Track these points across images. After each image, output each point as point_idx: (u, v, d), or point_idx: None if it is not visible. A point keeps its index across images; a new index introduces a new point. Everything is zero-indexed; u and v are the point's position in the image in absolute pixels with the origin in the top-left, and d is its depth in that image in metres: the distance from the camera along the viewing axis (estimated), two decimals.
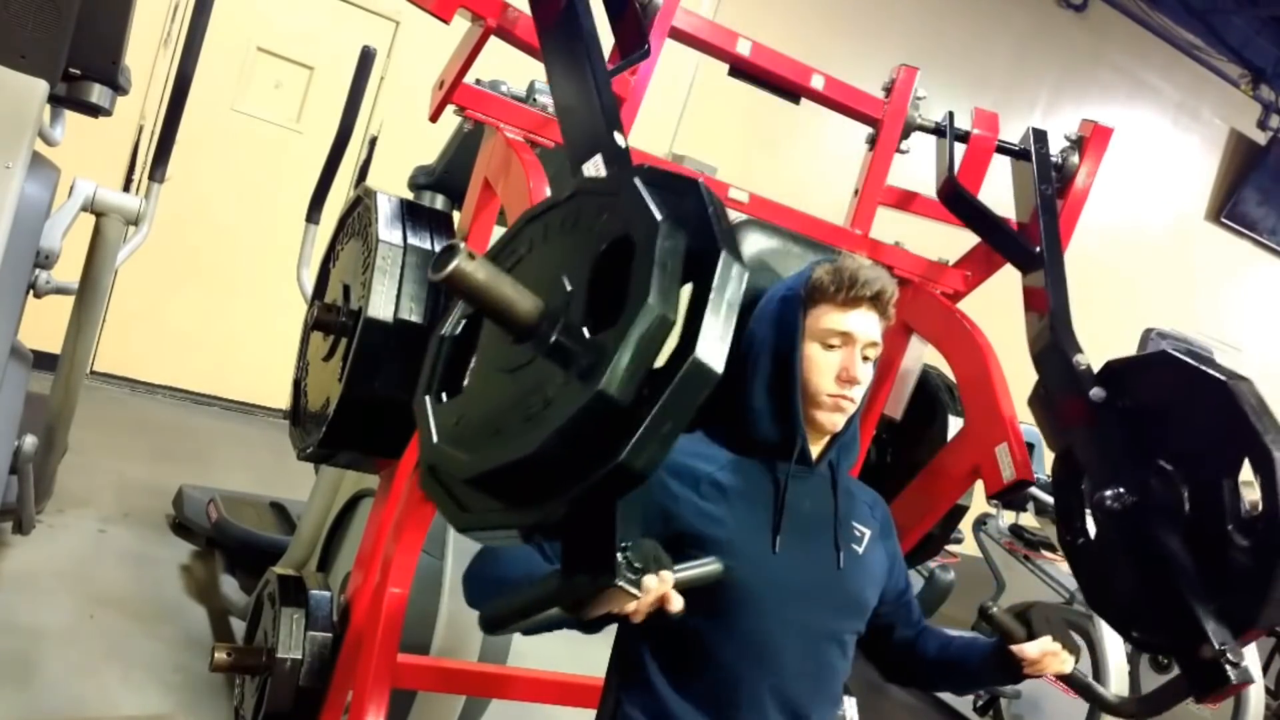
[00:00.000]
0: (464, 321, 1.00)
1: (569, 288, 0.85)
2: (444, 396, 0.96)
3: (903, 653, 1.46)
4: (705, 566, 1.12)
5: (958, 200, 1.89)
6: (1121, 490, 1.44)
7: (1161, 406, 1.44)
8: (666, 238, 0.79)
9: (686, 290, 0.79)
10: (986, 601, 1.35)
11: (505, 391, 0.86)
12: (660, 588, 1.04)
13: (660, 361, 0.77)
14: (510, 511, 0.82)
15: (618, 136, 1.05)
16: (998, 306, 2.23)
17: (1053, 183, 1.91)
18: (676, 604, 1.05)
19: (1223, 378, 1.34)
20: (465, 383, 0.97)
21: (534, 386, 0.82)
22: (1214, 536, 1.33)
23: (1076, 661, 1.38)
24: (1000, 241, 1.89)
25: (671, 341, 0.77)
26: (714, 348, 0.76)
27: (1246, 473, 1.32)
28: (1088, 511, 1.53)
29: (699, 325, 0.76)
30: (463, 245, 0.79)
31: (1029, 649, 1.32)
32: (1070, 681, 1.47)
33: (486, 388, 0.92)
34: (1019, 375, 1.76)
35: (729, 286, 0.79)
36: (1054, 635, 1.33)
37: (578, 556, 0.94)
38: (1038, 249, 1.78)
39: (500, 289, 0.82)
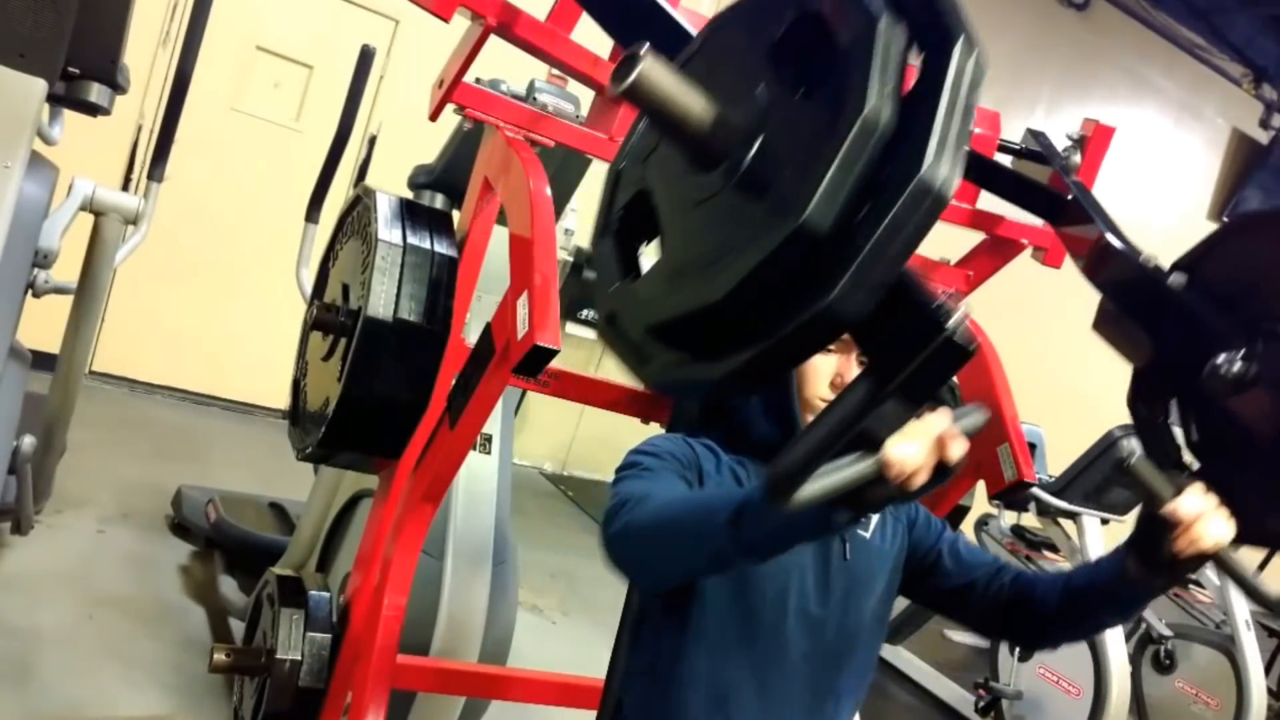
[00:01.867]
0: (646, 156, 0.86)
1: (762, 102, 0.72)
2: (622, 239, 0.85)
3: (1010, 600, 1.26)
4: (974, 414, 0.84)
5: (974, 166, 1.80)
6: (1239, 354, 1.22)
7: (1256, 275, 1.30)
8: (888, 28, 0.65)
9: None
10: (1122, 453, 1.04)
11: (693, 228, 0.75)
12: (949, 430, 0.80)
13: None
14: (695, 364, 0.72)
15: None
16: (999, 306, 2.22)
17: (1063, 159, 1.88)
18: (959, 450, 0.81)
19: None
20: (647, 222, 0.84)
21: (724, 221, 0.71)
22: None
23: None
24: (1027, 195, 1.82)
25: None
26: (945, 162, 0.62)
27: None
28: (1180, 436, 1.33)
29: (928, 131, 0.62)
30: (646, 47, 0.68)
31: (1182, 505, 1.01)
32: (1223, 564, 1.07)
33: (673, 225, 0.80)
34: (1021, 375, 1.76)
35: (965, 81, 0.63)
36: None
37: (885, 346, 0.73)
38: (1068, 196, 1.72)
39: (688, 101, 0.70)
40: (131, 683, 2.51)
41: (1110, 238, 1.51)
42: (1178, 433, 1.34)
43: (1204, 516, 1.01)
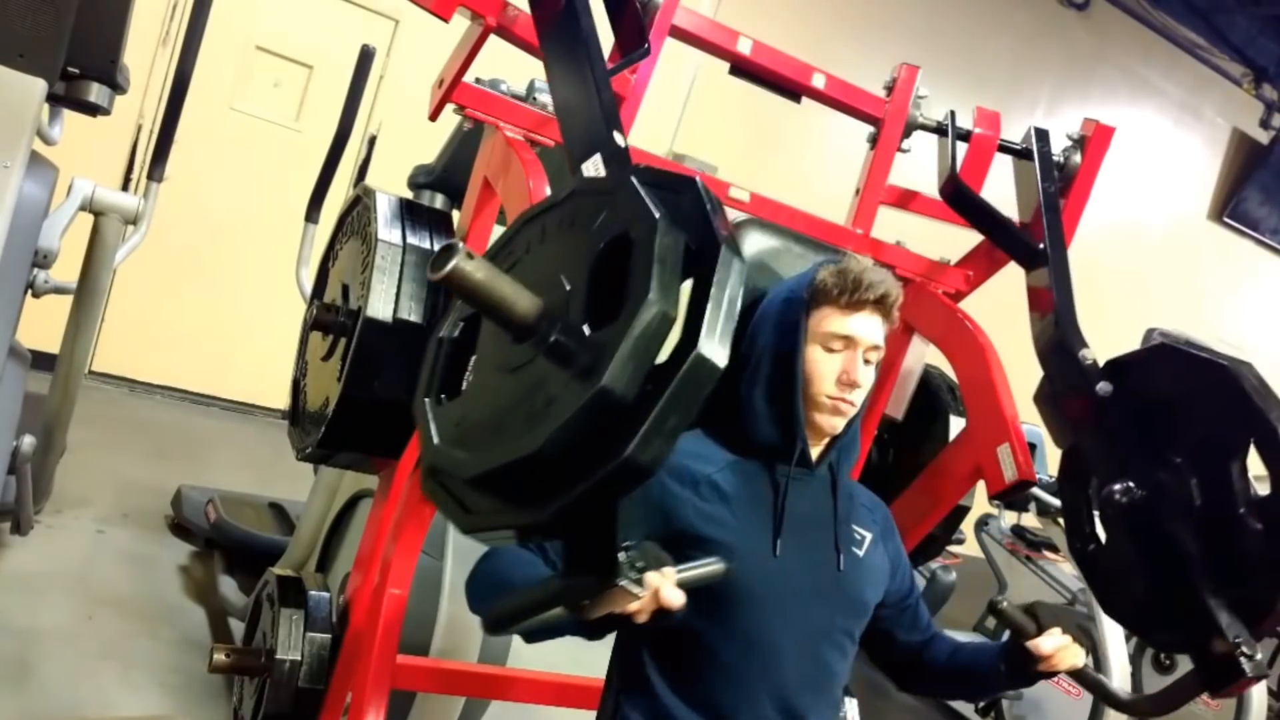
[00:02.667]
0: (463, 323, 1.00)
1: (568, 287, 0.84)
2: (444, 398, 0.96)
3: (912, 659, 1.44)
4: (708, 566, 1.11)
5: (960, 198, 1.88)
6: (1131, 485, 1.43)
7: (1167, 398, 1.43)
8: (665, 234, 0.79)
9: (686, 288, 0.79)
10: (996, 597, 1.34)
11: (506, 391, 0.86)
12: (663, 586, 1.02)
13: (662, 360, 0.77)
14: (513, 511, 0.82)
15: (617, 136, 1.04)
16: (999, 306, 2.22)
17: (1055, 181, 1.90)
18: (678, 602, 1.04)
19: (1224, 362, 1.35)
20: (465, 384, 0.96)
21: (535, 385, 0.82)
22: (1226, 524, 1.32)
23: (1087, 658, 1.36)
24: (1003, 239, 1.88)
25: (672, 341, 0.77)
26: (716, 342, 0.76)
27: (1255, 465, 1.31)
28: (1096, 515, 1.52)
29: (701, 320, 0.76)
30: (461, 245, 0.79)
31: (1043, 644, 1.30)
32: (1081, 679, 1.44)
33: (487, 388, 0.92)
34: (1021, 375, 1.75)
35: (730, 281, 0.79)
36: (1064, 629, 1.32)
37: (580, 557, 0.94)
38: (1041, 246, 1.77)
39: (499, 288, 0.82)
40: (131, 683, 2.51)
41: (1061, 321, 1.64)
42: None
43: (1060, 651, 1.30)
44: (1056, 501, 3.63)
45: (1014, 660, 1.34)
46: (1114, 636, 3.43)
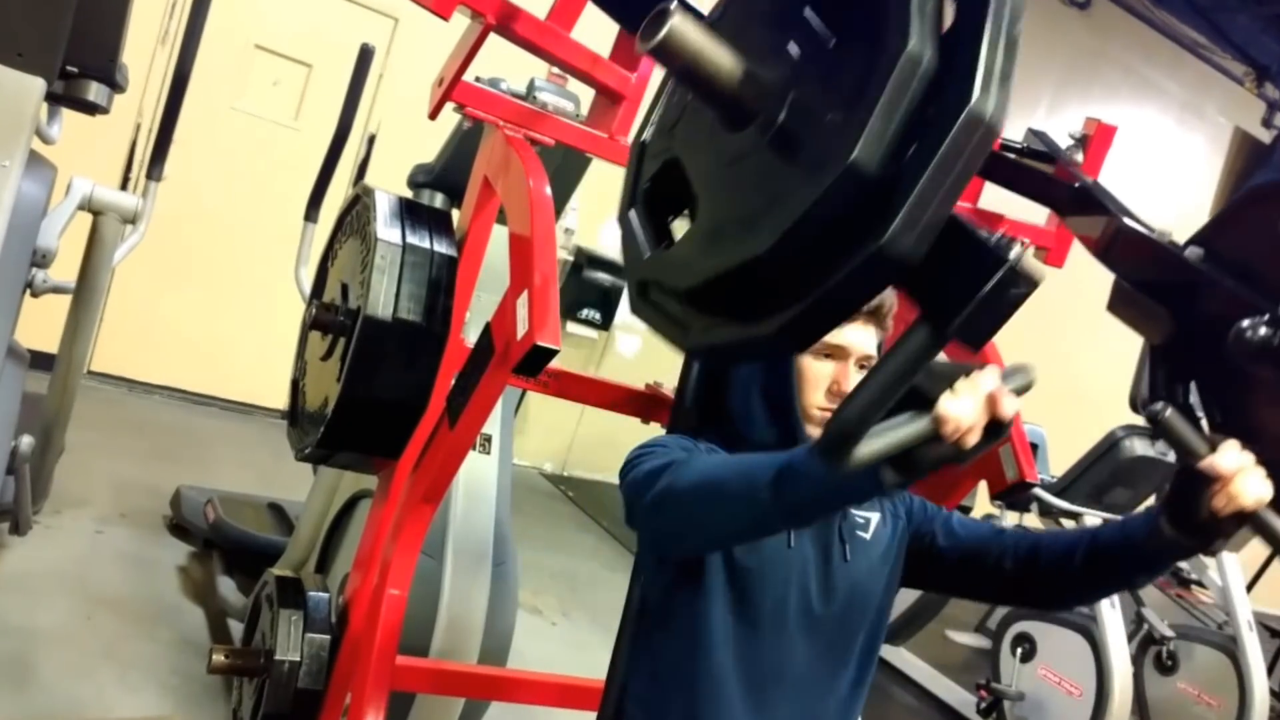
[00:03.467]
0: (672, 125, 0.85)
1: (795, 55, 0.70)
2: (652, 210, 0.83)
3: (1031, 563, 1.20)
4: (1021, 373, 0.84)
5: None
6: (1262, 320, 1.17)
7: (1270, 243, 1.27)
8: None
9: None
10: (1154, 407, 1.01)
11: (727, 190, 0.73)
12: (1001, 391, 0.80)
13: None
14: (739, 325, 0.70)
15: None
16: None
17: (1067, 153, 1.87)
18: (1012, 411, 0.80)
19: None
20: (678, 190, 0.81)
21: (761, 178, 0.69)
22: None
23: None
24: (1033, 185, 1.81)
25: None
26: (994, 93, 0.61)
27: None
28: (1202, 419, 1.34)
29: (974, 63, 0.61)
30: (675, 4, 0.67)
31: (1220, 461, 0.97)
32: (1261, 526, 1.01)
33: (704, 191, 0.78)
34: None
35: (1006, 15, 0.62)
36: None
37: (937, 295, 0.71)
38: (1075, 184, 1.71)
39: (717, 57, 0.68)
40: (129, 683, 2.50)
41: (1124, 220, 1.50)
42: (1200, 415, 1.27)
43: (1243, 472, 0.98)
44: (1058, 502, 3.63)
45: (1180, 503, 1.03)
46: (1115, 637, 3.42)
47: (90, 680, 2.47)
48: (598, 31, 1.59)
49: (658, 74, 1.75)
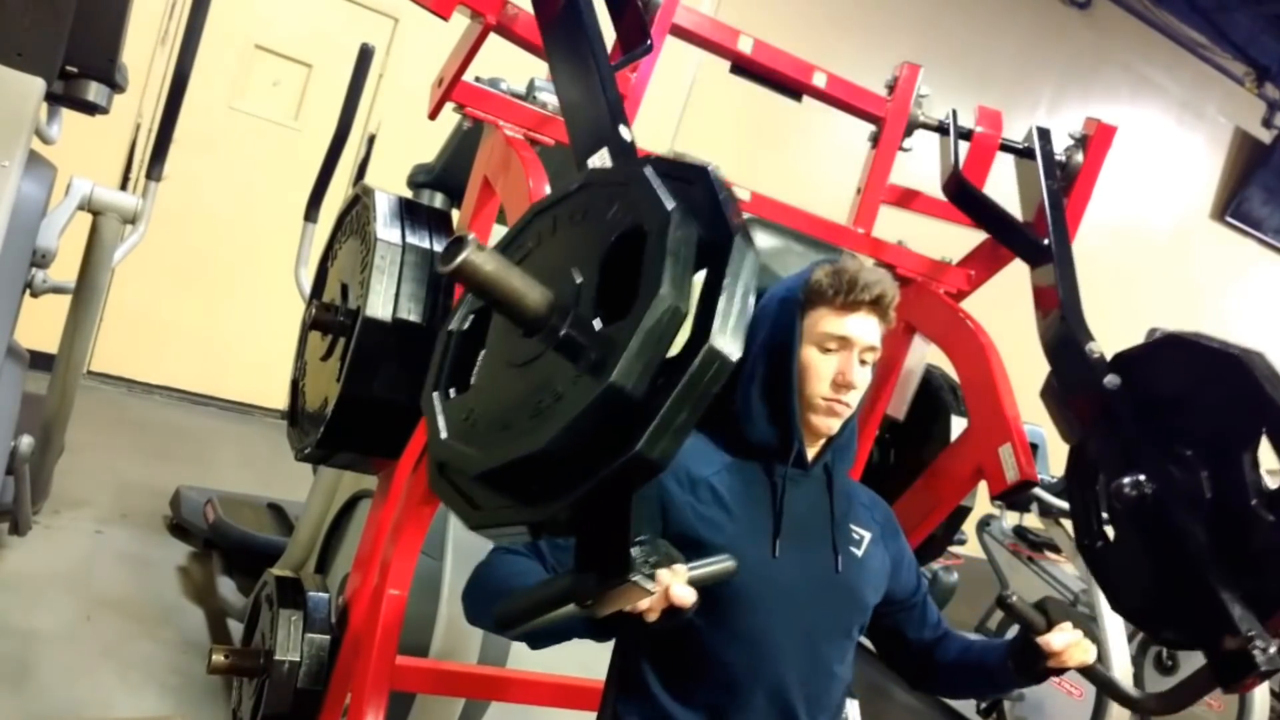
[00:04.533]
0: (472, 316, 0.99)
1: (579, 280, 0.83)
2: (452, 392, 0.94)
3: (922, 657, 1.43)
4: (719, 564, 1.08)
5: (963, 195, 1.87)
6: (1141, 478, 1.40)
7: (1175, 390, 1.42)
8: (679, 227, 0.78)
9: (698, 281, 0.79)
10: (1005, 592, 1.31)
11: (515, 386, 0.85)
12: (674, 584, 1.00)
13: (674, 354, 0.76)
14: (522, 508, 0.81)
15: (623, 130, 1.04)
16: (1001, 306, 2.21)
17: (1058, 179, 1.89)
18: (689, 600, 1.01)
19: (1235, 351, 1.33)
20: (474, 378, 0.95)
21: (544, 381, 0.80)
22: (1237, 516, 1.30)
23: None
24: (1007, 236, 1.86)
25: (682, 339, 0.76)
26: (729, 335, 0.75)
27: (1267, 458, 1.30)
28: (1104, 513, 1.50)
29: (714, 313, 0.75)
30: (471, 236, 0.78)
31: (1053, 640, 1.26)
32: (1091, 676, 1.40)
33: (496, 383, 0.91)
34: (1022, 375, 1.75)
35: (743, 273, 0.77)
36: (1074, 625, 1.29)
37: (591, 553, 0.93)
38: (1046, 242, 1.75)
39: (509, 281, 0.81)
40: (129, 684, 2.50)
41: (1066, 315, 1.62)
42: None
43: (1070, 647, 1.27)
44: (1059, 502, 3.62)
45: (1023, 656, 1.31)
46: (1116, 637, 3.42)
47: (90, 680, 2.47)
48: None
49: (658, 74, 1.75)
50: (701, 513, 1.24)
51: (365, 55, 2.90)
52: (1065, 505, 3.62)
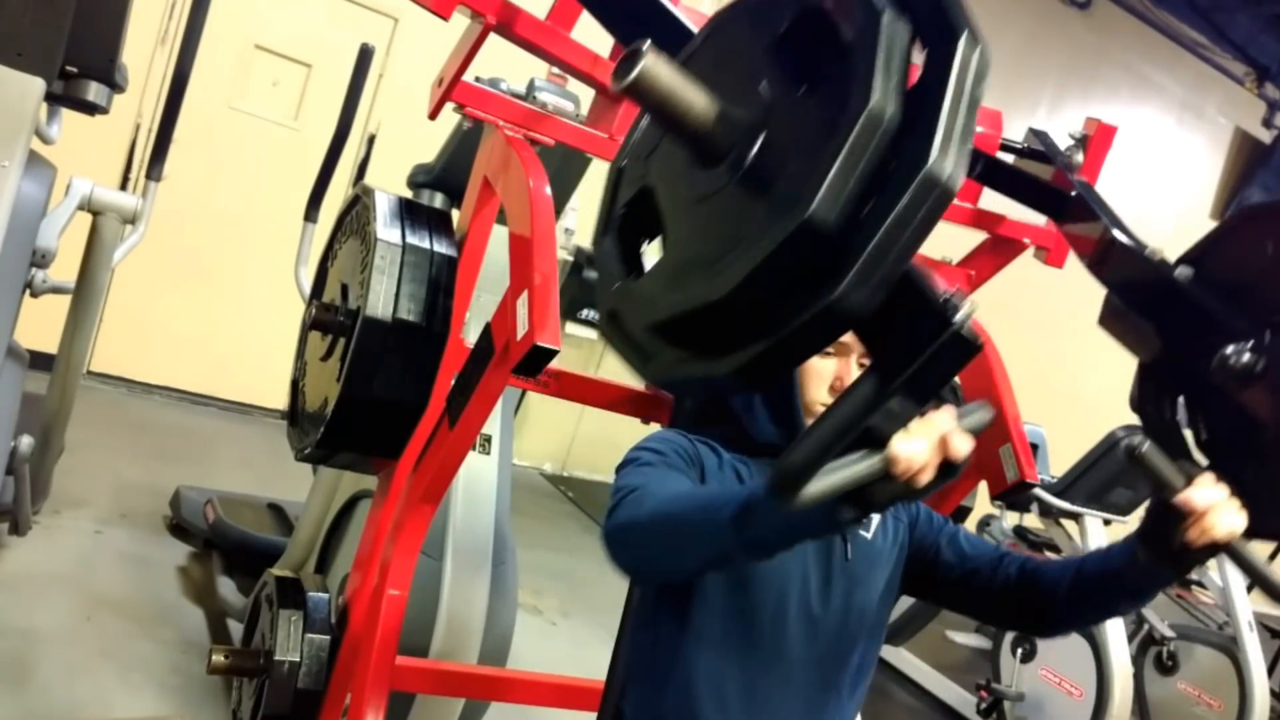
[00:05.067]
0: (648, 155, 0.86)
1: (765, 97, 0.72)
2: (624, 237, 0.84)
3: (1023, 588, 1.23)
4: (978, 411, 0.82)
5: (976, 165, 1.81)
6: (1245, 346, 1.20)
7: (1260, 265, 1.29)
8: (892, 20, 0.65)
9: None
10: (1133, 439, 1.02)
11: (694, 226, 0.75)
12: (953, 432, 0.78)
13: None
14: (699, 360, 0.72)
15: None
16: (1001, 306, 2.21)
17: (1065, 155, 1.87)
18: (965, 450, 0.79)
19: None
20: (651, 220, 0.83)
21: (727, 218, 0.71)
22: None
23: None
24: (1030, 192, 1.82)
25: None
26: (952, 156, 0.62)
27: None
28: (1188, 435, 1.31)
29: (933, 125, 0.61)
30: (649, 43, 0.68)
31: (1194, 496, 0.99)
32: (1236, 555, 1.06)
33: (673, 224, 0.80)
34: (1022, 375, 1.75)
35: (969, 77, 0.63)
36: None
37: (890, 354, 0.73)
38: (1072, 193, 1.72)
39: (688, 96, 0.70)
40: (129, 684, 2.50)
41: (1116, 233, 1.50)
42: (1186, 432, 1.32)
43: (1216, 507, 1.00)
44: (1059, 502, 3.63)
45: (1156, 534, 1.05)
46: (1116, 637, 3.42)
47: (90, 680, 2.47)
48: (598, 31, 1.58)
49: None
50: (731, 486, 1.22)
51: (365, 55, 2.90)
52: (1065, 505, 3.62)
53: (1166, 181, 7.54)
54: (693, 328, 0.71)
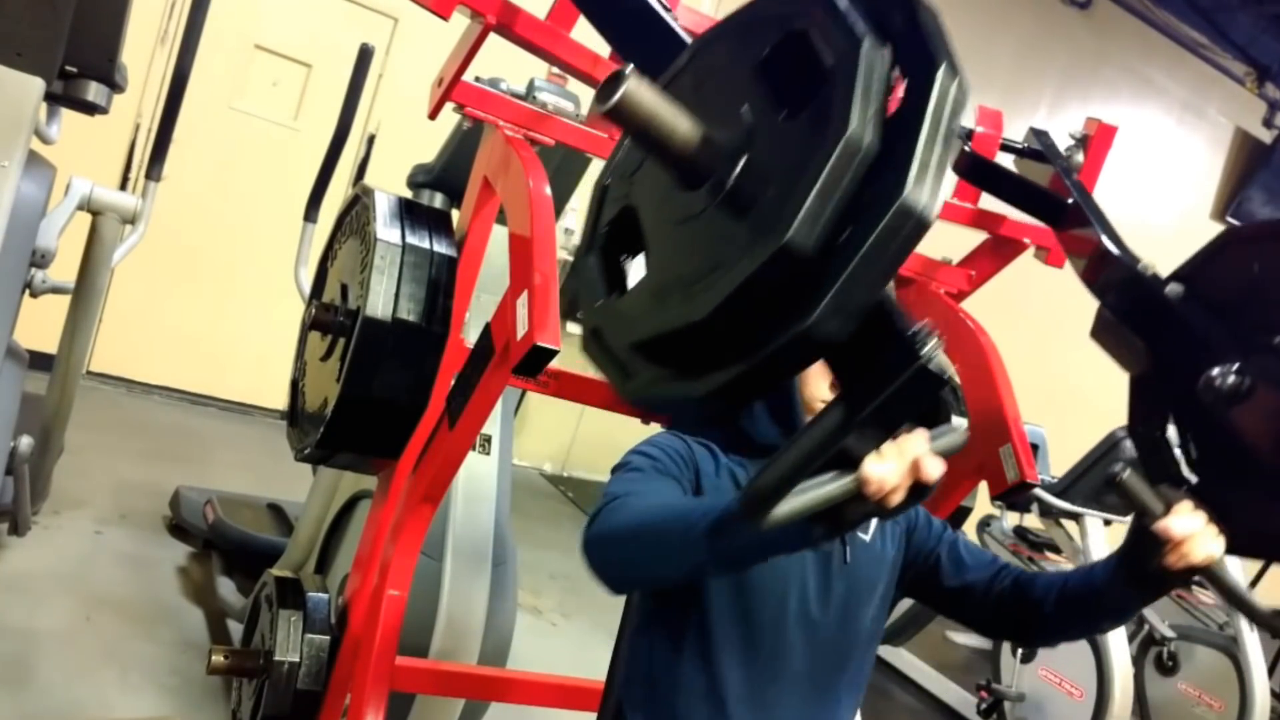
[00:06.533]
0: (630, 177, 0.87)
1: (748, 121, 0.72)
2: (608, 255, 0.85)
3: (1013, 600, 1.25)
4: (952, 433, 0.84)
5: (977, 169, 1.81)
6: (1234, 366, 1.22)
7: (1249, 285, 1.31)
8: (870, 51, 0.65)
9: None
10: (1115, 467, 1.06)
11: (676, 248, 0.76)
12: (924, 455, 0.80)
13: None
14: (679, 381, 0.72)
15: None
16: (1001, 306, 2.21)
17: (1065, 158, 1.87)
18: (937, 474, 0.81)
19: None
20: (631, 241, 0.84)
21: (708, 241, 0.71)
22: None
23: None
24: (1029, 199, 1.82)
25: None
26: (928, 186, 0.62)
27: None
28: (1177, 453, 1.34)
29: (910, 155, 0.62)
30: (631, 67, 0.69)
31: (1173, 524, 1.01)
32: (1217, 582, 1.10)
33: (655, 244, 0.80)
34: (1023, 375, 1.74)
35: (947, 108, 0.64)
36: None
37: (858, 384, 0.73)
38: (1069, 200, 1.72)
39: (668, 118, 0.70)
40: (129, 684, 2.50)
41: (1109, 244, 1.52)
42: (1177, 450, 1.35)
43: (1195, 534, 1.02)
44: (1059, 503, 3.62)
45: (1135, 558, 1.08)
46: (1116, 637, 3.42)
47: (89, 681, 2.47)
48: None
49: None
50: (723, 490, 1.22)
51: (365, 55, 2.90)
52: (1065, 506, 3.62)
53: (1167, 182, 7.54)
54: (673, 347, 0.72)
